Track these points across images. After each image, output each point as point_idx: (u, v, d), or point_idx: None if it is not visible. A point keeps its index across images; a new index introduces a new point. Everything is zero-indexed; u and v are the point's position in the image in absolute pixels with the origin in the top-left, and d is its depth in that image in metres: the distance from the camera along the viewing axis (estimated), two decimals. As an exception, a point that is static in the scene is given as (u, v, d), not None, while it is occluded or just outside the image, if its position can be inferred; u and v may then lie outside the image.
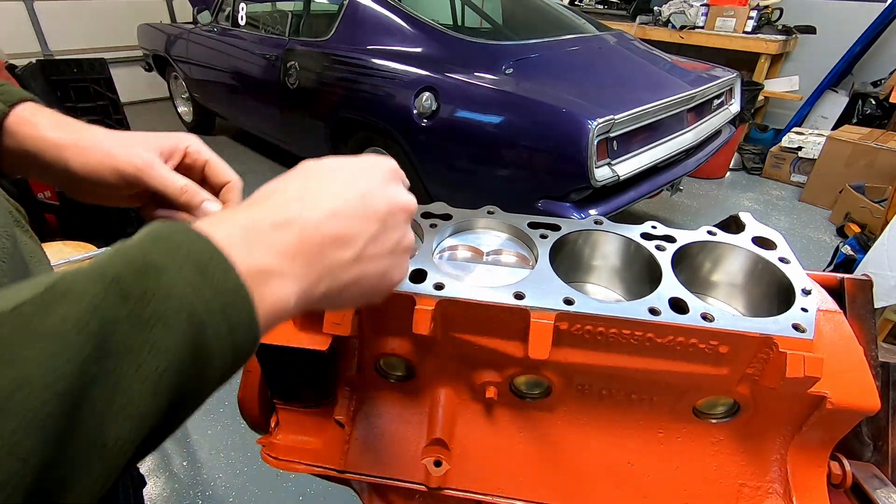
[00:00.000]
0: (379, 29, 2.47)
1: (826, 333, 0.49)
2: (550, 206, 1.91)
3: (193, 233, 0.25)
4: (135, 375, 0.21)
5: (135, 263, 0.23)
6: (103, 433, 0.21)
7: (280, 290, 0.27)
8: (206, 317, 0.23)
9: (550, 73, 2.19)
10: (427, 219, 0.60)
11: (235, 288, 0.25)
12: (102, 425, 0.21)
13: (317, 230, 0.29)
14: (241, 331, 0.25)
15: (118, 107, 2.55)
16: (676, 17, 3.95)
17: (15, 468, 0.18)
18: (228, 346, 0.24)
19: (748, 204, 3.39)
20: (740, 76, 2.67)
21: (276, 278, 0.27)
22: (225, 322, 0.24)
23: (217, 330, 0.24)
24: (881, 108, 3.51)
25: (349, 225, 0.31)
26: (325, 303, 0.32)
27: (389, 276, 0.35)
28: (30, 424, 0.18)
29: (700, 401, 0.52)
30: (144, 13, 4.92)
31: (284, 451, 0.60)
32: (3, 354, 0.19)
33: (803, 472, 0.51)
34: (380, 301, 0.37)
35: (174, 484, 1.53)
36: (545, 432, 0.57)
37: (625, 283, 0.60)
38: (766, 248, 0.55)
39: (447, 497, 0.56)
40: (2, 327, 0.19)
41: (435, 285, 0.49)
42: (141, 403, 0.21)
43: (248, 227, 0.27)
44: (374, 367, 0.58)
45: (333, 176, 0.33)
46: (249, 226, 0.27)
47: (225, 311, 0.24)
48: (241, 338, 0.25)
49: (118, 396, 0.21)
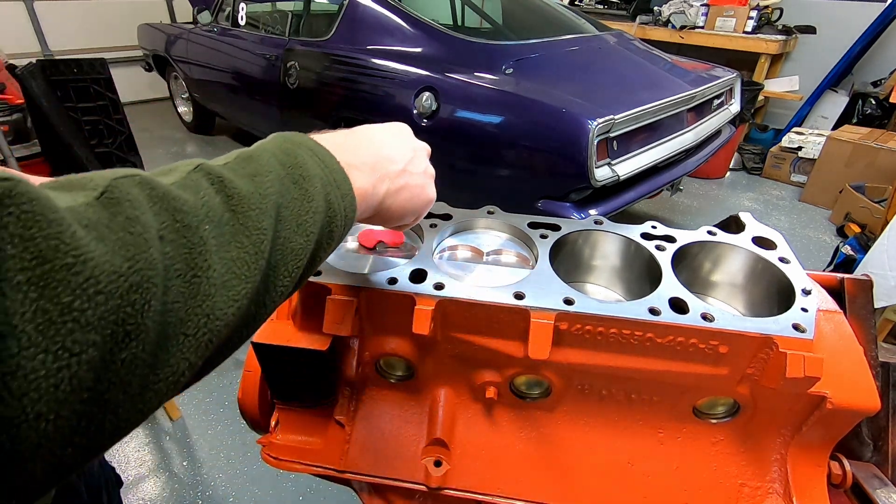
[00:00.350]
0: (379, 29, 2.47)
1: (826, 333, 0.49)
2: (550, 206, 1.90)
3: (307, 137, 0.37)
4: (300, 217, 0.31)
5: (288, 151, 0.34)
6: (287, 248, 0.30)
7: (360, 179, 0.38)
8: (329, 186, 0.34)
9: (550, 73, 2.19)
10: (427, 219, 0.60)
11: (339, 169, 0.36)
12: (290, 241, 0.31)
13: (375, 150, 0.42)
14: (348, 199, 0.36)
15: (118, 107, 2.55)
16: (676, 17, 3.95)
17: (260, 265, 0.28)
18: (342, 208, 0.35)
19: (748, 204, 3.39)
20: (740, 76, 2.67)
21: (356, 171, 0.38)
22: (338, 190, 0.35)
23: (336, 195, 0.35)
24: (881, 108, 3.50)
25: (394, 149, 0.43)
26: (389, 202, 0.42)
27: (426, 191, 0.46)
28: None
29: (700, 401, 0.52)
30: (144, 13, 4.92)
31: (284, 451, 0.60)
32: (246, 167, 0.31)
33: (803, 472, 0.51)
34: (422, 214, 0.47)
35: (174, 484, 1.52)
36: (545, 432, 0.57)
37: (625, 283, 0.60)
38: (766, 248, 0.55)
39: (447, 497, 0.56)
40: (235, 161, 0.31)
41: (435, 285, 0.49)
42: (302, 242, 0.32)
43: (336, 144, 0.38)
44: (374, 367, 0.58)
45: (378, 127, 0.45)
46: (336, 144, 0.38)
47: (337, 183, 0.35)
48: (348, 204, 0.36)
49: (299, 221, 0.32)
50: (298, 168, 0.33)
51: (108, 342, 0.19)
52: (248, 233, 0.27)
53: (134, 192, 0.23)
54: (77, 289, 0.18)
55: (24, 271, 0.17)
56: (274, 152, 0.33)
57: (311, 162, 0.34)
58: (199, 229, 0.24)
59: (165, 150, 4.14)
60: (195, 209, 0.25)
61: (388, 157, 0.42)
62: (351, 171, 0.37)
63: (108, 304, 0.19)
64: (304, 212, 0.32)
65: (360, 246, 0.59)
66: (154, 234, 0.22)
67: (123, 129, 2.37)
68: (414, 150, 0.45)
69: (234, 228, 0.27)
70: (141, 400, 0.22)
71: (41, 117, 2.00)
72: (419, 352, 0.55)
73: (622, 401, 0.54)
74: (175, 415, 1.71)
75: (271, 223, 0.29)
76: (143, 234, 0.21)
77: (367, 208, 0.40)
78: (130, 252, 0.20)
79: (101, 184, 0.22)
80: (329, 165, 0.35)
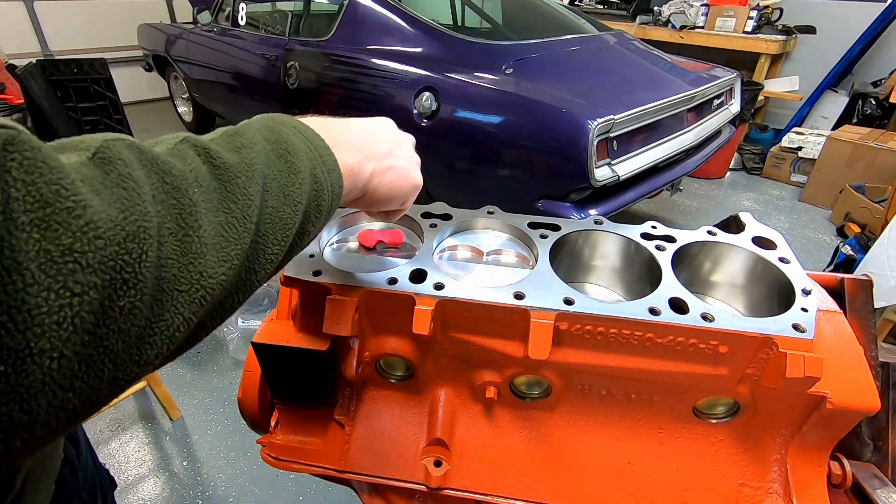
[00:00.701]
0: (379, 29, 2.47)
1: (826, 333, 0.49)
2: (550, 206, 1.90)
3: (290, 117, 0.38)
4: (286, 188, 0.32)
5: (272, 128, 0.35)
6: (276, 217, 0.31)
7: (346, 156, 0.39)
8: (315, 161, 0.35)
9: (550, 73, 2.19)
10: (427, 219, 0.60)
11: (324, 146, 0.37)
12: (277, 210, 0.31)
13: (360, 133, 0.43)
14: (335, 174, 0.37)
15: (118, 107, 2.55)
16: (676, 17, 3.95)
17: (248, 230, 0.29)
18: (328, 183, 0.36)
19: (748, 204, 3.39)
20: (740, 76, 2.67)
21: (342, 148, 0.39)
22: (324, 165, 0.36)
23: (322, 169, 0.35)
24: (881, 108, 3.50)
25: (378, 133, 0.45)
26: (376, 181, 0.43)
27: (412, 174, 0.47)
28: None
29: (700, 401, 0.52)
30: (144, 13, 4.92)
31: (284, 451, 0.60)
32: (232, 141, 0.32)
33: (803, 472, 0.51)
34: (409, 198, 0.47)
35: (174, 484, 1.52)
36: (545, 432, 0.57)
37: (625, 283, 0.60)
38: (766, 248, 0.55)
39: (447, 497, 0.56)
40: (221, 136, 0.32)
41: (435, 285, 0.49)
42: (290, 212, 0.32)
43: (321, 125, 0.40)
44: (374, 367, 0.58)
45: (363, 119, 0.47)
46: (321, 125, 0.40)
47: (322, 158, 0.36)
48: (335, 179, 0.37)
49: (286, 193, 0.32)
50: (283, 143, 0.34)
51: (107, 287, 0.20)
52: (235, 199, 0.28)
53: (125, 153, 0.23)
54: (77, 231, 0.19)
55: (28, 213, 0.18)
56: (259, 129, 0.34)
57: (295, 138, 0.35)
58: (188, 192, 0.25)
59: (165, 150, 4.14)
60: (183, 174, 0.26)
61: (374, 140, 0.44)
62: (336, 148, 0.38)
63: (107, 249, 0.20)
64: (290, 183, 0.33)
65: (360, 246, 0.59)
66: (147, 191, 0.23)
67: (123, 129, 2.37)
68: (397, 136, 0.47)
69: (222, 195, 0.28)
70: (138, 351, 0.22)
71: (41, 117, 2.00)
72: (419, 352, 0.55)
73: (622, 401, 0.54)
74: (175, 415, 1.71)
75: (258, 191, 0.30)
76: (137, 190, 0.22)
77: (354, 186, 0.41)
78: (125, 205, 0.21)
79: (93, 144, 0.23)
80: (314, 142, 0.36)
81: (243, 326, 2.04)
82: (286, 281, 0.51)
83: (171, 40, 3.96)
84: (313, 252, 0.54)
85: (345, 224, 0.61)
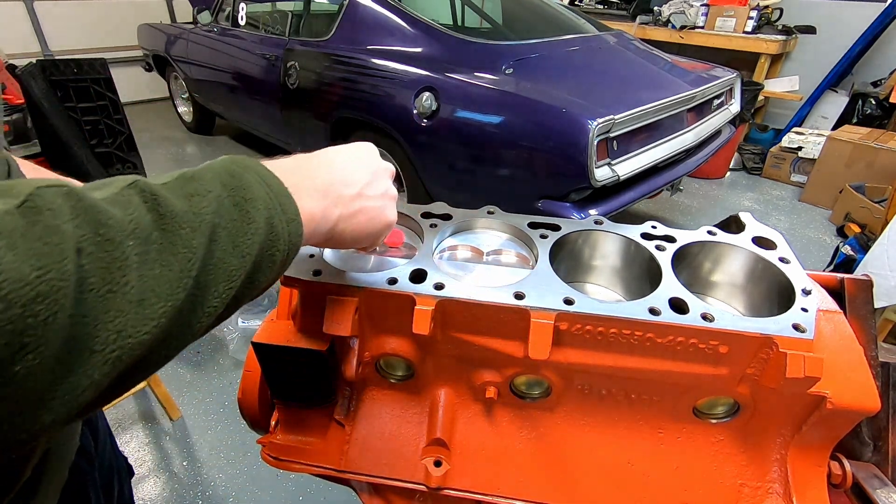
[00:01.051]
0: (379, 29, 2.47)
1: (826, 333, 0.49)
2: (550, 206, 1.90)
3: (255, 161, 0.36)
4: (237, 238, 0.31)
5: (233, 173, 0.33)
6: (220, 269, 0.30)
7: (310, 203, 0.38)
8: (273, 210, 0.34)
9: (550, 73, 2.19)
10: (427, 219, 0.60)
11: (286, 193, 0.36)
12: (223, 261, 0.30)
13: (329, 173, 0.42)
14: (294, 224, 0.36)
15: (118, 107, 2.54)
16: (676, 17, 3.95)
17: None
18: (286, 233, 0.35)
19: (748, 204, 3.39)
20: (740, 76, 2.67)
21: (306, 194, 0.38)
22: (283, 214, 0.35)
23: (280, 219, 0.34)
24: (881, 108, 3.50)
25: (350, 172, 0.43)
26: (342, 226, 0.42)
27: (384, 214, 0.45)
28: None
29: (700, 401, 0.52)
30: (144, 13, 4.92)
31: (284, 451, 0.60)
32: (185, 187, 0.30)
33: (803, 472, 0.51)
34: (379, 237, 0.46)
35: (174, 484, 1.52)
36: (545, 432, 0.57)
37: (625, 283, 0.60)
38: (766, 248, 0.55)
39: (447, 497, 0.56)
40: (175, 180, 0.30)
41: (435, 285, 0.49)
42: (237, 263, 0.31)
43: (287, 169, 0.38)
44: (374, 367, 0.58)
45: (338, 150, 0.45)
46: (287, 168, 0.38)
47: (282, 207, 0.35)
48: (294, 229, 0.35)
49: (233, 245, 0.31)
50: (242, 190, 0.33)
51: (2, 351, 0.19)
52: (175, 251, 0.27)
53: (57, 202, 0.22)
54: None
55: None
56: (218, 173, 0.33)
57: (256, 185, 0.34)
58: (121, 244, 0.24)
59: (165, 150, 4.15)
60: (121, 224, 0.25)
61: (343, 181, 0.42)
62: (300, 195, 0.37)
63: (9, 312, 0.19)
64: (241, 233, 0.31)
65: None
66: (71, 245, 0.22)
67: (123, 129, 2.36)
68: (373, 172, 0.45)
69: (162, 247, 0.26)
70: (31, 417, 0.21)
71: (41, 117, 2.00)
72: (419, 352, 0.55)
73: (622, 401, 0.54)
74: (175, 415, 1.71)
75: (203, 242, 0.29)
76: (60, 245, 0.21)
77: (317, 233, 0.40)
78: (42, 262, 0.20)
79: (24, 191, 0.22)
80: (275, 189, 0.35)
81: (243, 326, 2.04)
82: (286, 281, 0.51)
83: (171, 40, 3.96)
84: (313, 252, 0.54)
85: (345, 224, 0.61)
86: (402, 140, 2.27)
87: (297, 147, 3.15)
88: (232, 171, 0.33)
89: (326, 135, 2.70)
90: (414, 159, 2.29)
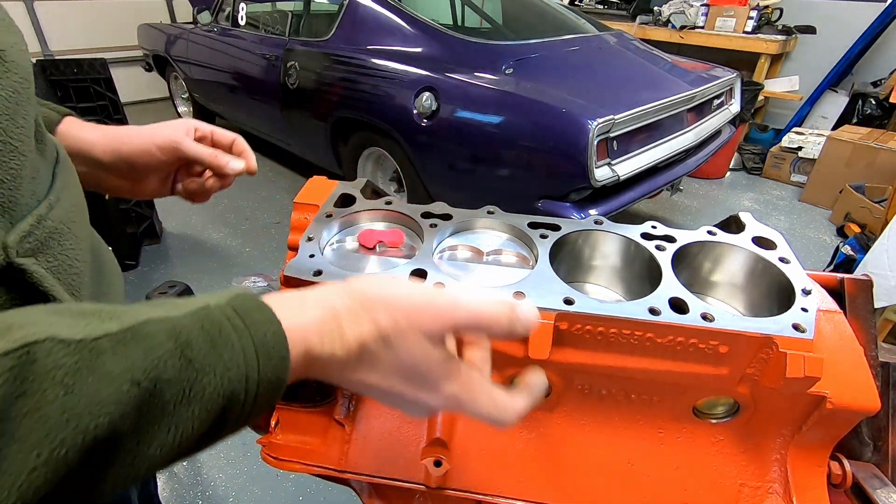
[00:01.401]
0: (379, 29, 2.47)
1: (826, 333, 0.49)
2: (550, 206, 1.90)
3: (270, 313, 0.28)
4: (155, 442, 0.24)
5: (210, 333, 0.26)
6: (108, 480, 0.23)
7: None
8: (242, 396, 0.26)
9: (550, 73, 2.19)
10: (427, 219, 0.60)
11: (280, 385, 0.28)
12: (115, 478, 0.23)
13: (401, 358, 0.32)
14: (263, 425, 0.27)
15: (118, 107, 2.55)
16: (676, 17, 3.95)
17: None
18: (242, 425, 0.28)
19: (748, 204, 3.39)
20: (740, 76, 2.67)
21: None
22: (253, 408, 0.27)
23: (241, 413, 0.27)
24: (881, 108, 3.50)
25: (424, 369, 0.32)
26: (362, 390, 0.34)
27: (420, 410, 0.35)
28: (58, 458, 0.20)
29: (700, 401, 0.52)
30: (144, 13, 4.92)
31: (284, 451, 0.60)
32: (65, 379, 0.21)
33: (803, 472, 0.51)
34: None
35: (174, 484, 1.52)
36: (545, 432, 0.57)
37: (625, 283, 0.60)
38: (766, 248, 0.55)
39: (447, 497, 0.56)
40: (78, 354, 0.22)
41: (435, 285, 0.49)
42: (149, 466, 0.24)
43: (318, 330, 0.30)
44: (374, 367, 0.58)
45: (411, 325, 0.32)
46: (318, 328, 0.30)
47: (261, 403, 0.27)
48: (270, 387, 0.28)
49: (137, 456, 0.23)
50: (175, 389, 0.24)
51: None
52: (21, 446, 0.20)
53: None
54: None
55: None
56: (161, 353, 0.24)
57: (226, 372, 0.26)
58: None
59: (165, 150, 4.14)
60: None
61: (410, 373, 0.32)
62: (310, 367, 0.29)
63: None
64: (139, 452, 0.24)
65: (360, 246, 0.59)
66: None
67: (123, 129, 2.36)
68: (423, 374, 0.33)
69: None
70: None
71: (41, 117, 2.00)
72: (419, 352, 0.55)
73: (622, 401, 0.54)
74: (175, 415, 1.71)
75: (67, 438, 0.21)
76: None
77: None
78: None
79: None
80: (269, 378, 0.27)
81: (243, 326, 2.04)
82: (286, 281, 0.51)
83: (171, 40, 3.96)
84: (313, 252, 0.54)
85: (345, 224, 0.61)
86: (402, 140, 2.27)
87: (296, 147, 3.15)
88: (194, 348, 0.25)
89: (326, 135, 2.70)
90: (414, 159, 2.29)
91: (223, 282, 2.45)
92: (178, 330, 0.25)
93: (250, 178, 3.68)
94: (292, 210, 0.62)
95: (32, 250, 0.34)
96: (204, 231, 2.92)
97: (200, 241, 2.82)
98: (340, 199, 0.63)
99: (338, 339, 0.30)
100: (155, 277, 2.49)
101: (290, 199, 2.88)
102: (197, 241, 2.82)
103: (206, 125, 0.60)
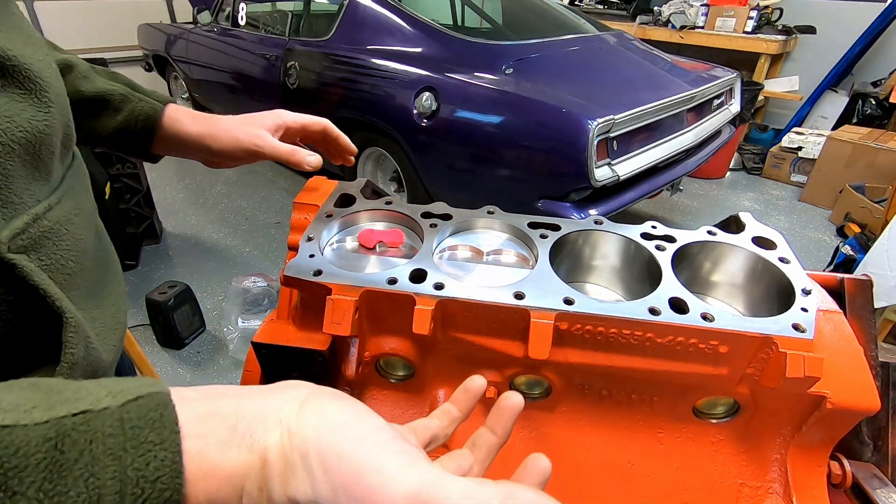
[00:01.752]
0: (379, 29, 2.47)
1: (826, 333, 0.49)
2: (550, 206, 1.91)
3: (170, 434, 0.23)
4: None
5: (57, 459, 0.21)
6: None
7: None
8: None
9: (550, 72, 2.19)
10: (427, 219, 0.60)
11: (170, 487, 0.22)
12: None
13: None
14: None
15: (118, 107, 2.54)
16: (676, 17, 3.95)
17: None
18: None
19: (748, 204, 3.39)
20: (740, 76, 2.67)
21: None
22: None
23: None
24: (881, 108, 3.51)
25: None
26: None
27: None
28: None
29: (700, 401, 0.52)
30: (144, 13, 4.92)
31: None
32: None
33: (803, 472, 0.51)
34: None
35: None
36: (545, 432, 0.57)
37: (625, 283, 0.60)
38: (766, 248, 0.55)
39: (447, 497, 0.56)
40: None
41: (435, 285, 0.49)
42: None
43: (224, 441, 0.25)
44: (374, 367, 0.58)
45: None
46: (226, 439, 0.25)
47: None
48: None
49: None
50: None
51: None
52: None
53: None
54: None
55: None
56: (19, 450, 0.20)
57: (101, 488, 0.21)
58: None
59: (165, 150, 4.15)
60: None
61: None
62: None
63: None
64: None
65: (360, 246, 0.59)
66: None
67: (123, 129, 2.36)
68: None
69: None
70: None
71: (41, 117, 2.00)
72: (419, 352, 0.55)
73: (622, 401, 0.54)
74: (175, 415, 1.71)
75: None
76: None
77: None
78: None
79: None
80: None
81: (243, 326, 2.04)
82: (286, 281, 0.51)
83: (171, 40, 3.96)
84: (313, 252, 0.54)
85: (345, 224, 0.61)
86: (402, 140, 2.28)
87: (297, 147, 3.14)
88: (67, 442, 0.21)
89: (326, 135, 2.70)
90: (414, 159, 2.29)
91: (223, 282, 2.45)
92: (17, 446, 0.20)
93: (250, 179, 3.66)
94: (292, 210, 0.62)
95: (25, 247, 0.35)
96: (204, 231, 2.92)
97: (200, 241, 2.82)
98: (340, 199, 0.63)
99: (258, 495, 0.25)
100: (155, 277, 2.49)
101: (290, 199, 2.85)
102: (197, 241, 2.82)
103: (297, 118, 0.66)
